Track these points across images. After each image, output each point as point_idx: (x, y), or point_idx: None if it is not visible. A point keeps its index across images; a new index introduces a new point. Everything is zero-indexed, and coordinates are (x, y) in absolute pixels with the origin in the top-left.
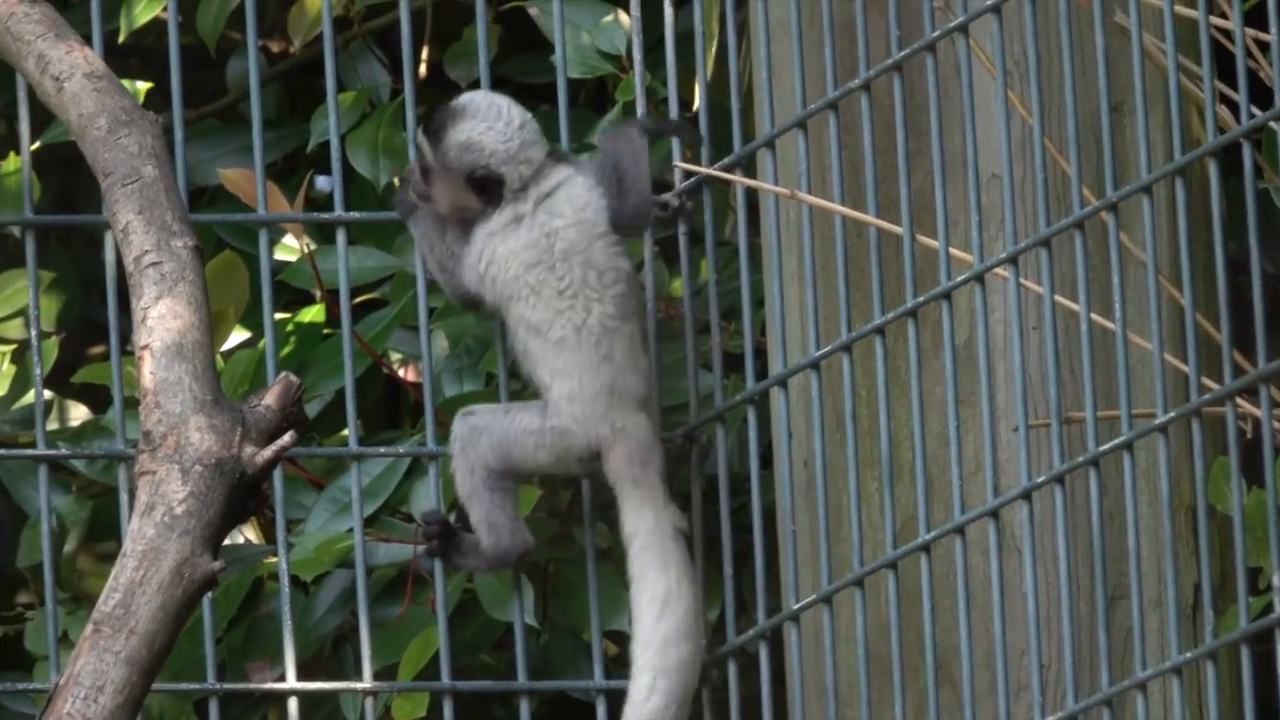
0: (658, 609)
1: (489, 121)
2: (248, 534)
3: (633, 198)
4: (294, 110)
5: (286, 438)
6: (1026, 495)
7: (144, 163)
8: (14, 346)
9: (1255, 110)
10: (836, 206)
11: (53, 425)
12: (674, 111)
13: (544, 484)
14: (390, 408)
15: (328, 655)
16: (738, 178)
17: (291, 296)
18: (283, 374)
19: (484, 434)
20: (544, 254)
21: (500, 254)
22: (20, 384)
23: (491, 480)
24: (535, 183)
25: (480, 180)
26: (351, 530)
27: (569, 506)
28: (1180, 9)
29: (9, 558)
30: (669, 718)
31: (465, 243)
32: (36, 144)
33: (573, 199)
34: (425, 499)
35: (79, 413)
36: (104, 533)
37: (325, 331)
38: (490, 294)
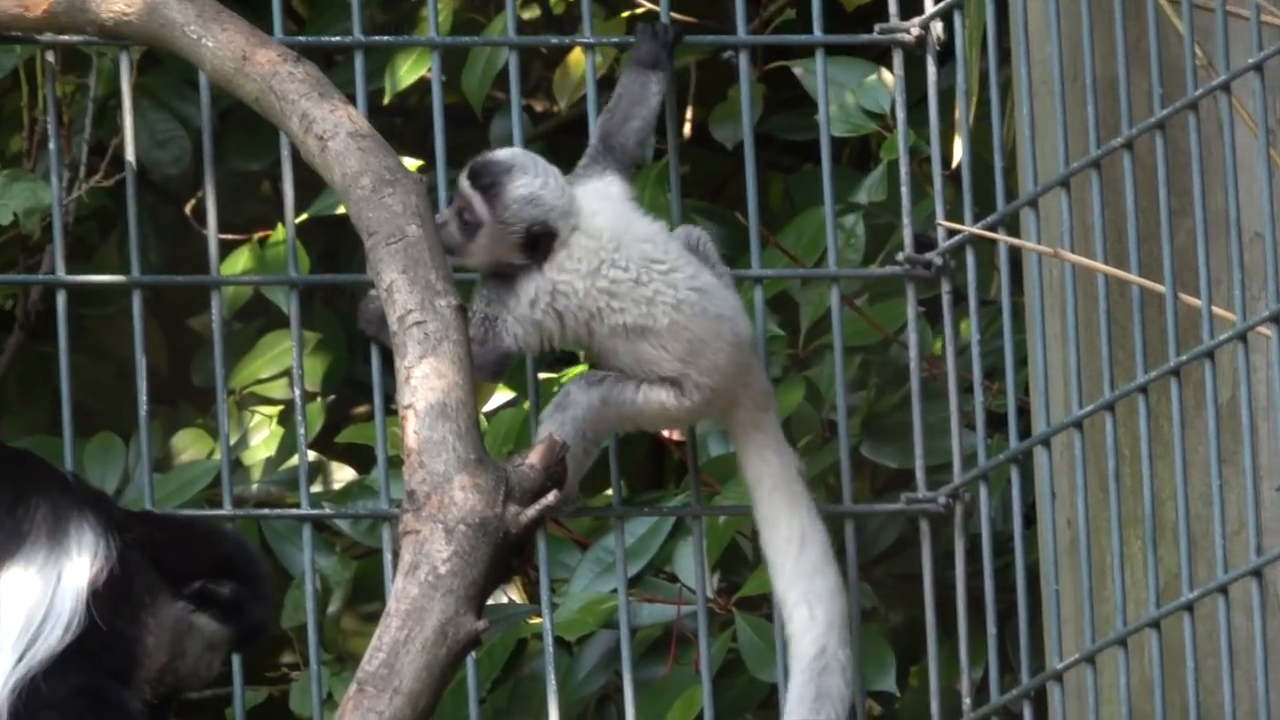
0: (796, 546)
1: (543, 177)
2: (511, 594)
3: (631, 122)
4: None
5: (550, 497)
6: None
7: (408, 222)
8: (279, 408)
9: None
10: (1099, 265)
11: (317, 486)
12: (937, 171)
13: None
14: (654, 468)
15: (591, 715)
16: (1001, 236)
17: (555, 355)
18: (547, 434)
19: (612, 407)
20: (599, 253)
21: (562, 282)
22: (286, 445)
23: (593, 447)
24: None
25: (536, 236)
26: (615, 590)
27: None
28: None
29: (274, 619)
30: (835, 639)
31: (504, 301)
32: (303, 217)
33: (588, 194)
34: (688, 559)
35: (343, 474)
36: (368, 593)
37: None
38: (560, 331)
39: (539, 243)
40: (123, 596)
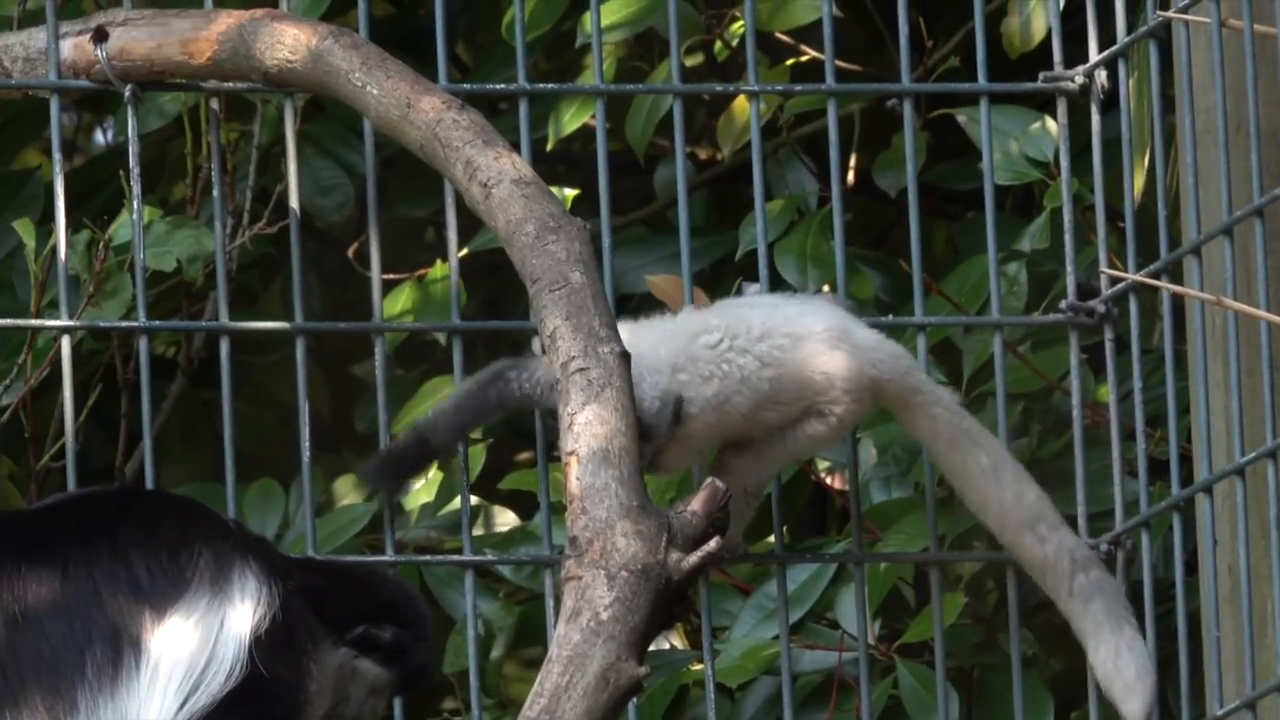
0: (992, 476)
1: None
2: (673, 640)
3: None
4: (721, 217)
5: (713, 544)
6: None
7: (571, 269)
8: None
9: None
10: (1262, 313)
11: (478, 530)
12: (1101, 219)
13: (968, 589)
14: (816, 514)
15: None
16: (1164, 284)
17: None
18: (709, 480)
19: (767, 461)
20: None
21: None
22: (446, 490)
23: (755, 495)
24: None
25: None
26: (777, 636)
27: (994, 612)
28: None
29: (436, 663)
30: (1069, 538)
31: None
32: (464, 250)
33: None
34: (850, 605)
35: (506, 518)
36: (529, 638)
37: None
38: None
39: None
40: (285, 643)
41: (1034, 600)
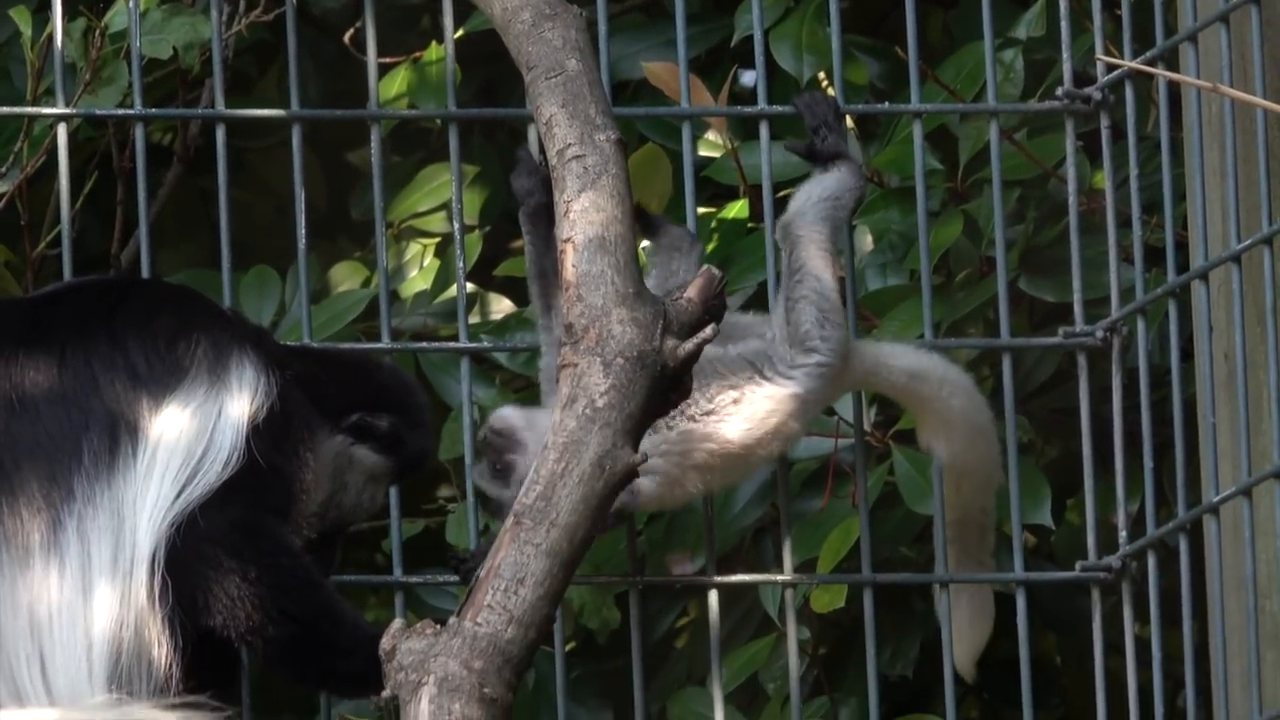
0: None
1: None
2: None
3: None
4: (718, 4)
5: (708, 330)
6: None
7: (568, 56)
8: (436, 240)
9: None
10: (1259, 100)
11: (474, 318)
12: (1097, 6)
13: None
14: None
15: (748, 548)
16: (1160, 71)
17: (714, 191)
18: (705, 267)
19: None
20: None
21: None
22: (443, 278)
23: None
24: None
25: None
26: None
27: (990, 398)
28: None
29: (432, 447)
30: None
31: None
32: (459, 32)
33: None
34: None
35: (501, 306)
36: None
37: (749, 226)
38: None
39: None
40: (282, 432)
41: (1030, 387)
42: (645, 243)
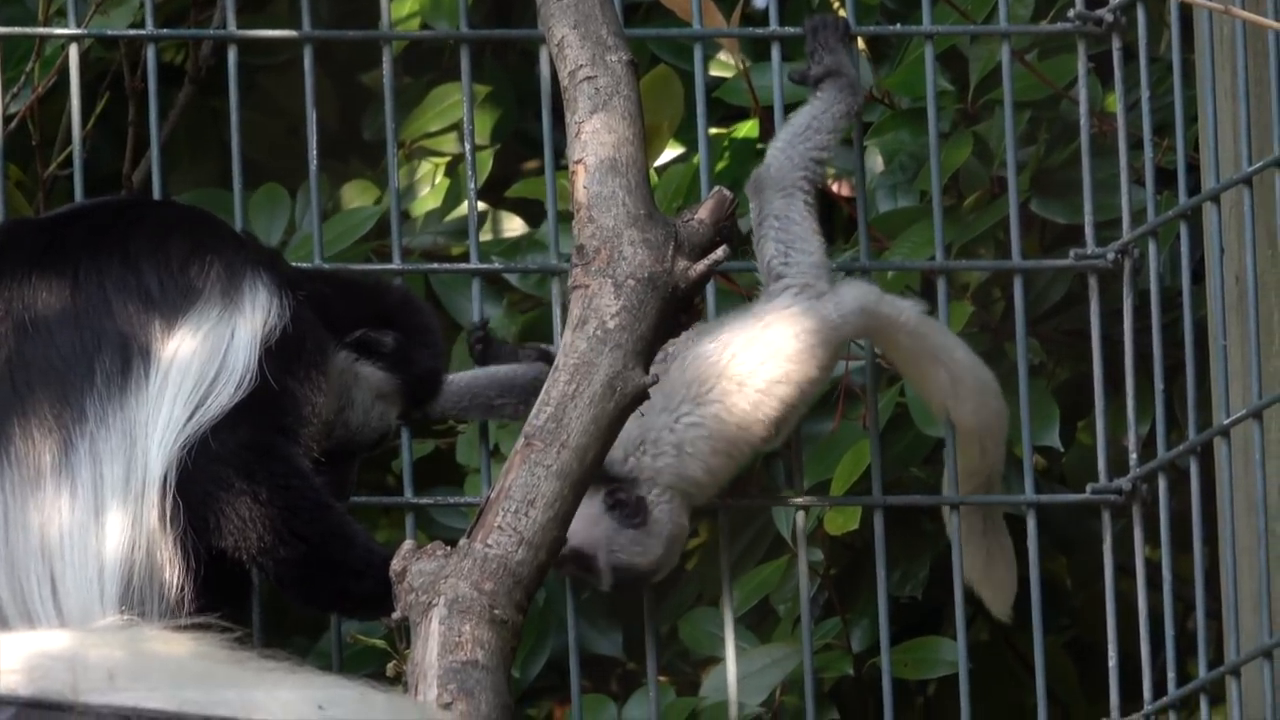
0: (951, 392)
1: None
2: None
3: None
4: None
5: (719, 252)
6: None
7: None
8: (446, 159)
9: None
10: (1271, 22)
11: (485, 235)
12: None
13: (975, 298)
14: (825, 223)
15: (759, 470)
16: None
17: (726, 112)
18: (716, 189)
19: None
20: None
21: None
22: (453, 196)
23: None
24: None
25: None
26: None
27: (1001, 320)
28: None
29: (442, 368)
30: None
31: None
32: None
33: None
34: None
35: (513, 224)
36: None
37: (759, 147)
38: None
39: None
40: (294, 354)
41: (1041, 308)
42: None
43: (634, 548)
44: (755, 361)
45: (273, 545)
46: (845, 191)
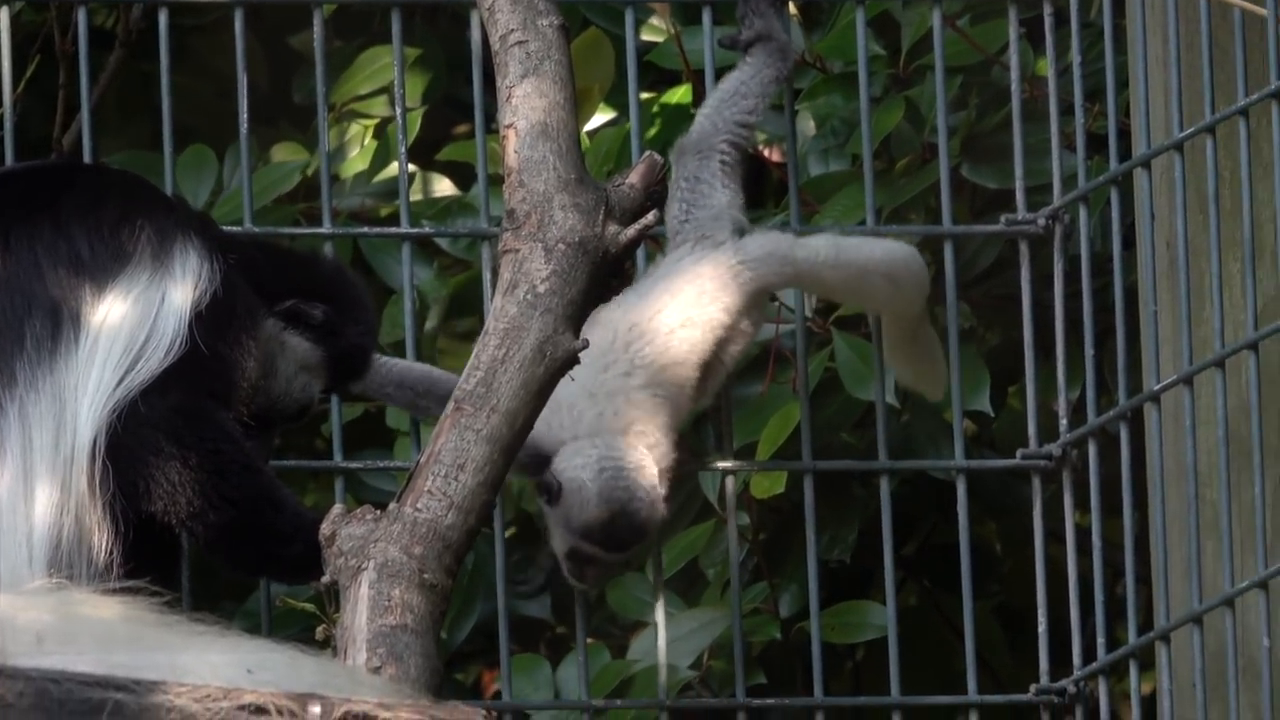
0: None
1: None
2: None
3: None
4: None
5: (650, 216)
6: None
7: None
8: (375, 121)
9: None
10: None
11: (416, 197)
12: None
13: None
14: (755, 187)
15: (689, 432)
16: None
17: (657, 76)
18: (647, 153)
19: None
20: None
21: None
22: (382, 157)
23: None
24: None
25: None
26: None
27: (932, 285)
28: None
29: (371, 345)
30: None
31: None
32: None
33: None
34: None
35: (443, 186)
36: (465, 311)
37: (691, 112)
38: None
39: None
40: (225, 319)
41: (972, 274)
42: None
43: (579, 518)
44: (652, 311)
45: (202, 509)
46: (776, 156)
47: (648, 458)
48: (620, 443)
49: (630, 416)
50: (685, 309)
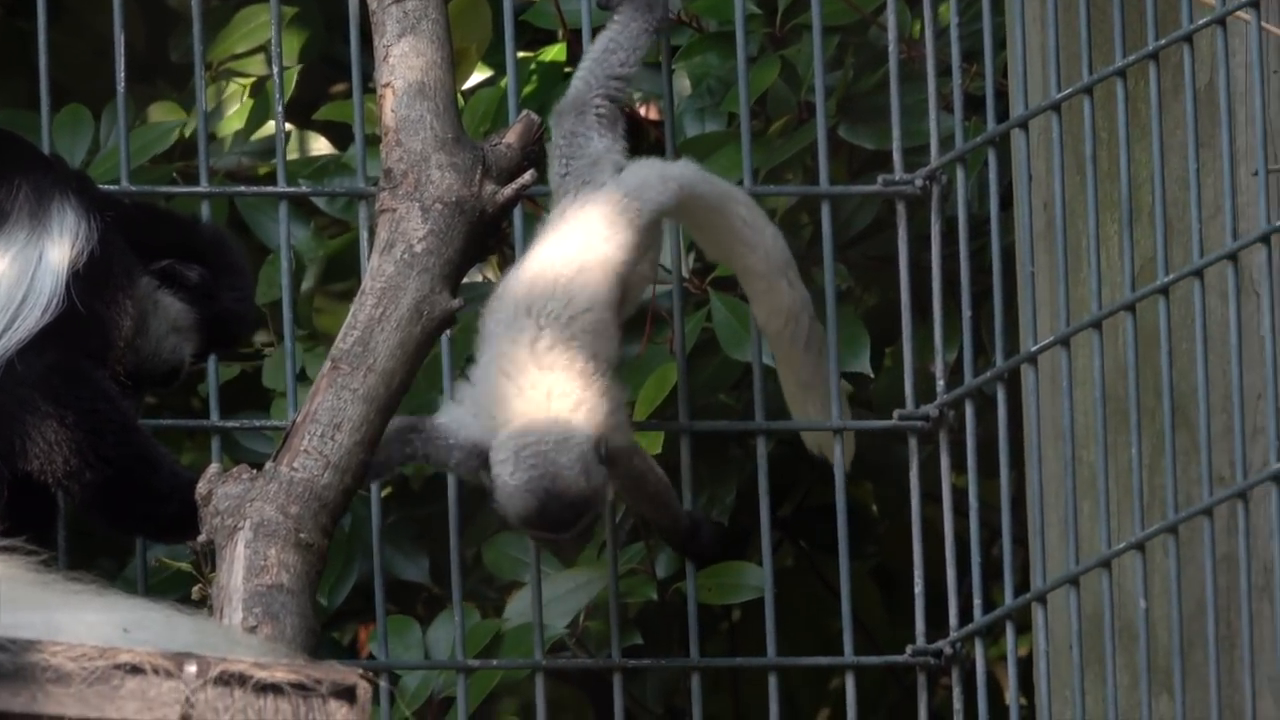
0: (754, 226)
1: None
2: (487, 273)
3: None
4: None
5: (527, 176)
6: (1265, 239)
7: None
8: (251, 80)
9: None
10: None
11: (293, 156)
12: None
13: (783, 223)
14: (632, 147)
15: None
16: None
17: (534, 36)
18: (524, 113)
19: None
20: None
21: None
22: (259, 116)
23: None
24: None
25: None
26: None
27: (808, 246)
28: None
29: (247, 312)
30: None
31: None
32: None
33: None
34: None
35: (319, 145)
36: (342, 270)
37: (566, 70)
38: None
39: None
40: (102, 278)
41: (849, 234)
42: None
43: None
44: (547, 267)
45: (78, 468)
46: (653, 115)
47: (572, 425)
48: (540, 423)
49: (547, 383)
50: (579, 255)
